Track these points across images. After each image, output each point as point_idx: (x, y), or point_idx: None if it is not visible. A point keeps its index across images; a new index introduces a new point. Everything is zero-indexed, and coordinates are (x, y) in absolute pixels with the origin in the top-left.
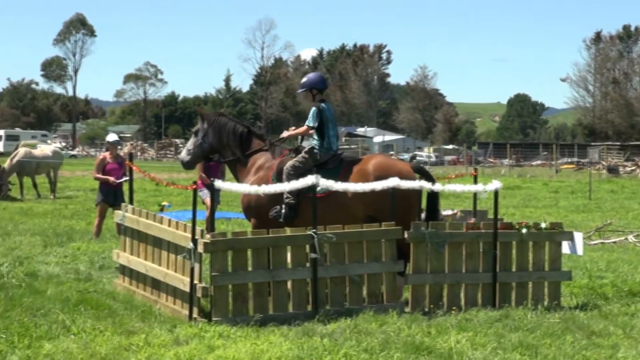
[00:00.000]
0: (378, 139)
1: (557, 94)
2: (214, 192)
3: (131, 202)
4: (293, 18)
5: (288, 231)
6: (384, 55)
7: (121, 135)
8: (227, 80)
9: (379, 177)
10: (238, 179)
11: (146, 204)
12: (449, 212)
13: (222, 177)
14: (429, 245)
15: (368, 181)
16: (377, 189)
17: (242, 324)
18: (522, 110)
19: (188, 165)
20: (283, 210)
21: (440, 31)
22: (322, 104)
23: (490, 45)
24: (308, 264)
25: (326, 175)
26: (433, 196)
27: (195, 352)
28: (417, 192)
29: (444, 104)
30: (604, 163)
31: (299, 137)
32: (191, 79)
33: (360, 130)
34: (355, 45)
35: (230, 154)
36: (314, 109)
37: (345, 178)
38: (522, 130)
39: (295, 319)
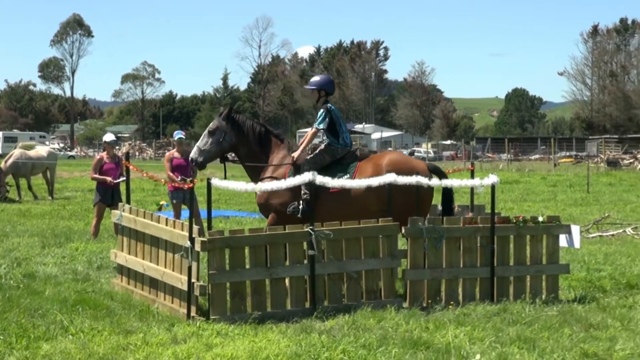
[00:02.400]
0: (376, 135)
1: (554, 88)
2: (192, 192)
3: (128, 201)
4: (290, 16)
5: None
6: (382, 52)
7: (119, 135)
8: (225, 79)
9: (393, 172)
10: (253, 176)
11: (145, 203)
12: None
13: (193, 175)
14: (427, 240)
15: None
16: (373, 185)
17: (240, 322)
18: (520, 104)
19: (201, 166)
20: (301, 206)
21: (437, 27)
22: (329, 105)
23: (488, 40)
24: (306, 261)
25: (342, 171)
26: (448, 193)
27: (193, 351)
28: (431, 189)
29: (442, 100)
30: (602, 156)
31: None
32: (189, 78)
33: (359, 127)
34: (352, 42)
35: (247, 153)
36: (322, 110)
37: (360, 173)
38: (520, 124)
39: (293, 316)
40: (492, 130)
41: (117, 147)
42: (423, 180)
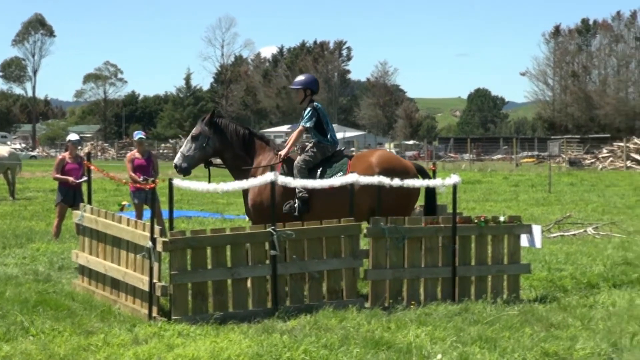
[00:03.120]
0: (339, 135)
1: (517, 88)
2: (154, 192)
3: (90, 202)
4: (253, 16)
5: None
6: (344, 52)
7: (82, 135)
8: (188, 79)
9: (384, 170)
10: (239, 179)
11: (106, 203)
12: None
13: (155, 175)
14: (388, 240)
15: (373, 174)
16: (335, 185)
17: (201, 322)
18: (483, 104)
19: (185, 171)
20: (297, 205)
21: (400, 27)
22: (316, 103)
23: (451, 40)
24: (268, 261)
25: (334, 169)
26: (431, 193)
27: (155, 351)
28: (417, 190)
29: (405, 100)
30: (564, 156)
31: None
32: (151, 78)
33: None
34: (315, 42)
35: (232, 156)
36: (309, 109)
37: (352, 171)
38: (482, 124)
39: (255, 316)
40: (454, 130)
41: (79, 148)
42: (385, 180)
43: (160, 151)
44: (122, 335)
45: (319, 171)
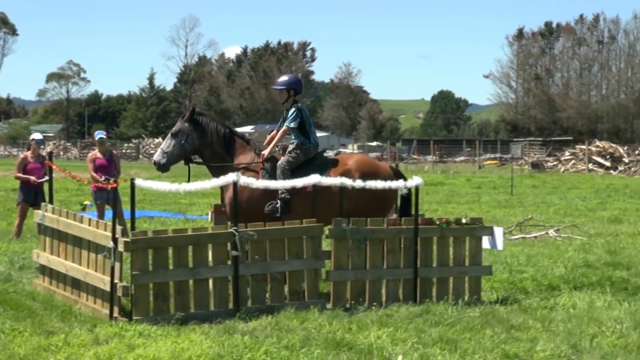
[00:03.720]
0: None
1: (480, 91)
2: (115, 192)
3: (51, 201)
4: (217, 16)
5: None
6: (308, 53)
7: (44, 134)
8: (151, 79)
9: (362, 174)
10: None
11: (68, 203)
12: None
13: (117, 175)
14: (351, 241)
15: (353, 177)
16: (297, 186)
17: (163, 323)
18: (446, 106)
19: (164, 168)
20: (278, 205)
21: (364, 28)
22: (300, 104)
23: (414, 42)
24: (229, 262)
25: (316, 171)
26: (407, 195)
27: (115, 352)
28: (394, 192)
29: (368, 101)
30: (527, 159)
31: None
32: (115, 77)
33: None
34: (279, 43)
35: (211, 155)
36: (293, 109)
37: (333, 174)
38: (445, 126)
39: (216, 316)
40: (417, 132)
41: (42, 147)
42: (347, 181)
43: (123, 151)
44: (83, 335)
45: (300, 173)
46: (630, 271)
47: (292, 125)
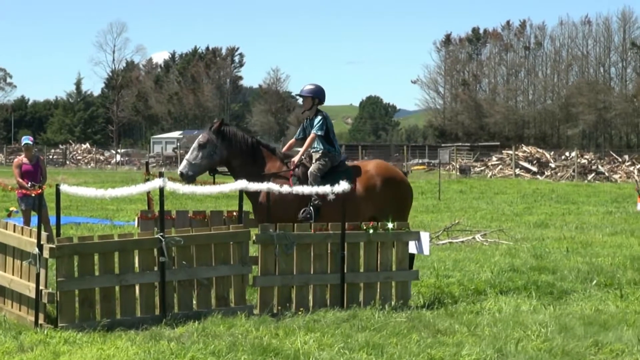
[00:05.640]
0: None
1: (408, 96)
2: (41, 198)
3: None
4: (144, 21)
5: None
6: (237, 58)
7: None
8: (78, 84)
9: (384, 178)
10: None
11: None
12: None
13: (43, 181)
14: (278, 247)
15: (375, 182)
16: (225, 191)
17: (89, 330)
18: (374, 112)
19: (191, 179)
20: (312, 211)
21: (292, 34)
22: (324, 113)
23: (342, 47)
24: (156, 268)
25: (341, 177)
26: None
27: (41, 359)
28: (412, 192)
29: (297, 107)
30: (454, 164)
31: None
32: (41, 82)
33: None
34: (207, 48)
35: (240, 164)
36: (319, 117)
37: (358, 180)
38: (374, 132)
39: (143, 323)
40: (346, 137)
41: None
42: (274, 187)
43: (51, 157)
44: (8, 342)
45: (327, 180)
46: (556, 275)
47: (319, 133)
